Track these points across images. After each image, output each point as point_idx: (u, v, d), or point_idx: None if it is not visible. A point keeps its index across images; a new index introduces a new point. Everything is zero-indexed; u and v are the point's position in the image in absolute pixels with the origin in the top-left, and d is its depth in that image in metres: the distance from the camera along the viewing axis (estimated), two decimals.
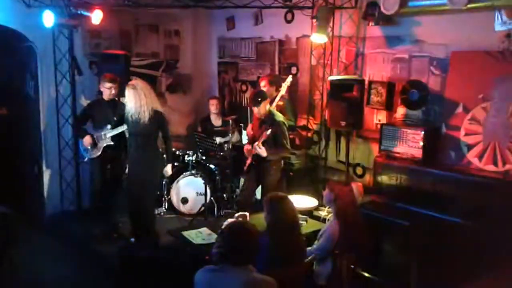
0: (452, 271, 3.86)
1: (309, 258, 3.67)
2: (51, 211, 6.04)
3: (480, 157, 4.27)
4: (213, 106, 6.49)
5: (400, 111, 4.93)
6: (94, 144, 5.17)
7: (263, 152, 4.74)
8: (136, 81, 4.79)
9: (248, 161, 4.99)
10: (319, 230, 4.03)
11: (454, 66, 4.44)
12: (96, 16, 5.28)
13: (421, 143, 4.41)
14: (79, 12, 5.24)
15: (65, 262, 4.93)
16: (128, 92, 4.67)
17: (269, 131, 4.66)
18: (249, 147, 4.97)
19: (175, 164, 5.94)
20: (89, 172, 5.48)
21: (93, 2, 5.40)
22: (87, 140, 5.15)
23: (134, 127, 4.79)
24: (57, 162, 5.94)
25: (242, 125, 6.16)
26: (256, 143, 4.76)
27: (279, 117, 4.91)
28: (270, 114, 4.87)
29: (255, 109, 4.85)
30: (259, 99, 4.78)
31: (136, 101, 4.65)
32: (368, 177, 5.30)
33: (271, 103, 5.13)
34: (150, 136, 4.85)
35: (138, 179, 4.84)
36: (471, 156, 4.33)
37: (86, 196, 5.92)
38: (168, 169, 5.09)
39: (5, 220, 3.90)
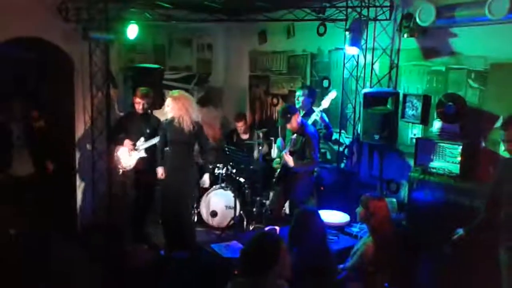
0: None
1: (342, 276, 3.56)
2: (84, 222, 6.11)
3: None
4: (239, 128, 6.51)
5: (436, 125, 4.79)
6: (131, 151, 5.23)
7: (290, 161, 4.72)
8: (179, 93, 4.89)
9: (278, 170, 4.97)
10: (351, 247, 3.91)
11: (493, 78, 4.29)
12: (132, 31, 5.41)
13: (459, 158, 4.26)
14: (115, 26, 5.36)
15: (96, 273, 4.97)
16: (173, 102, 4.76)
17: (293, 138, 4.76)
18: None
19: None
20: (122, 184, 5.53)
21: (128, 17, 5.52)
22: (127, 143, 5.21)
23: (175, 135, 4.85)
24: (90, 174, 6.03)
25: (272, 138, 6.11)
26: (285, 151, 4.75)
27: (310, 128, 4.86)
28: (302, 126, 4.84)
29: (288, 125, 4.82)
30: (288, 115, 4.76)
31: (179, 110, 4.75)
32: (402, 193, 5.15)
33: (308, 115, 5.11)
34: (190, 145, 4.91)
35: (176, 187, 4.88)
36: None
37: (118, 208, 5.96)
38: (206, 179, 5.13)
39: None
